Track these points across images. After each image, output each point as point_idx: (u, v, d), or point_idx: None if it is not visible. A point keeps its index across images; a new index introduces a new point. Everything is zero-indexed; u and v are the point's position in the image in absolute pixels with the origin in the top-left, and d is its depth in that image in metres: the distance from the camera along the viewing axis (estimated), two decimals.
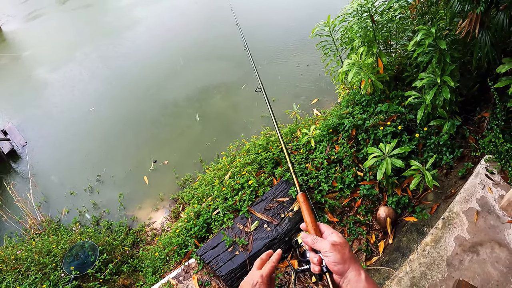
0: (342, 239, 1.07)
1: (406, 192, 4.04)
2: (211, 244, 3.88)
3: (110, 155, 6.90)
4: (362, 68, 4.23)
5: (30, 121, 8.16)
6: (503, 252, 3.35)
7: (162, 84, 8.31)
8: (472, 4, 3.42)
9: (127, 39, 10.39)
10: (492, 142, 3.87)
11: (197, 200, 4.80)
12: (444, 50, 3.68)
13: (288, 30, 9.35)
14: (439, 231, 3.52)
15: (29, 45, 10.95)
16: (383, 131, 4.14)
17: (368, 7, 4.25)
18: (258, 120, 6.79)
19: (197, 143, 6.67)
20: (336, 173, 4.18)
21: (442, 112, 3.99)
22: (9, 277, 4.67)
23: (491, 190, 3.70)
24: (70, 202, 6.23)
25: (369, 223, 3.98)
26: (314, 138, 4.44)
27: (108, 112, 7.93)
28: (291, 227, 3.80)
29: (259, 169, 4.59)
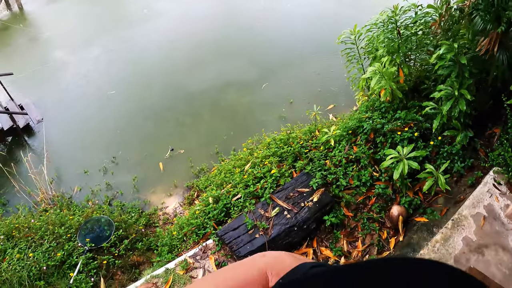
0: None
1: (418, 195, 4.30)
2: (232, 225, 4.09)
3: (127, 139, 7.07)
4: (384, 76, 4.52)
5: (48, 99, 8.29)
6: (506, 256, 3.61)
7: (183, 76, 8.53)
8: (494, 24, 3.73)
9: (150, 29, 10.56)
10: (501, 156, 4.16)
11: (216, 186, 5.01)
12: (463, 65, 3.98)
13: (307, 38, 9.66)
14: (449, 230, 3.78)
15: (50, 27, 11.05)
16: (400, 136, 4.42)
17: (395, 19, 4.55)
18: (275, 120, 7.05)
19: (214, 135, 6.89)
20: (353, 171, 4.44)
21: (456, 124, 4.27)
22: (22, 244, 4.76)
23: (498, 199, 3.98)
24: (83, 180, 6.38)
25: (381, 220, 4.23)
26: (334, 138, 4.70)
27: (127, 97, 8.12)
28: (310, 216, 4.04)
29: (280, 162, 4.83)
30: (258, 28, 10.17)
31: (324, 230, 4.21)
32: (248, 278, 0.76)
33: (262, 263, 0.79)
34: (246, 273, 0.78)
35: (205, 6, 11.57)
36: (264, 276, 0.76)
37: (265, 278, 0.75)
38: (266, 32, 9.97)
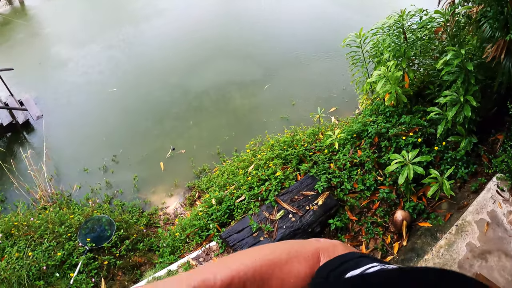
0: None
1: (422, 200, 4.32)
2: (236, 228, 4.08)
3: (128, 137, 7.03)
4: (389, 81, 4.53)
5: (48, 95, 8.24)
6: (509, 262, 3.63)
7: (185, 76, 8.50)
8: (503, 32, 3.75)
9: (152, 27, 10.53)
10: (504, 162, 4.19)
11: (218, 187, 4.99)
12: (470, 72, 4.00)
13: (308, 38, 9.66)
14: (453, 236, 3.80)
15: (51, 23, 10.99)
16: (405, 141, 4.43)
17: (402, 23, 4.56)
18: (277, 121, 7.04)
19: (216, 136, 6.87)
20: (357, 175, 4.44)
21: (460, 130, 4.29)
22: (21, 242, 4.71)
23: (501, 205, 4.00)
24: (82, 178, 6.33)
25: (385, 224, 4.23)
26: (338, 141, 4.70)
27: (129, 96, 8.08)
28: (315, 219, 4.03)
29: (284, 164, 4.82)
30: (258, 28, 10.17)
31: (328, 233, 4.21)
32: (298, 252, 0.77)
33: (317, 245, 0.81)
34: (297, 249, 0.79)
35: (206, 5, 11.54)
36: (317, 256, 0.77)
37: (317, 258, 0.77)
38: (266, 32, 9.97)
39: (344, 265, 0.70)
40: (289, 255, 0.75)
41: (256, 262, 0.72)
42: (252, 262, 0.72)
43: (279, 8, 11.39)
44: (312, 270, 0.74)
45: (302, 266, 0.74)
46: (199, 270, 0.72)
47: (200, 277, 0.67)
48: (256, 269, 0.71)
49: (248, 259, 0.73)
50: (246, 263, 0.72)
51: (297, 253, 0.76)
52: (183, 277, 0.68)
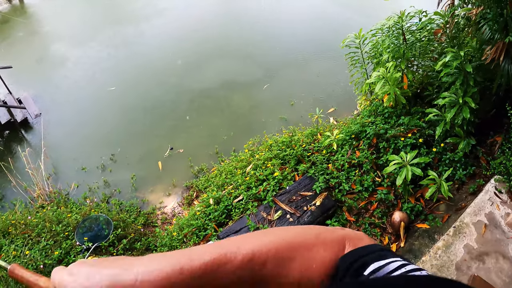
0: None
1: (420, 201, 4.32)
2: (233, 228, 4.07)
3: (126, 136, 7.01)
4: (388, 82, 4.53)
5: (46, 93, 8.20)
6: (506, 264, 3.64)
7: (184, 75, 8.48)
8: (502, 34, 3.75)
9: (151, 27, 10.50)
10: (502, 164, 4.19)
11: (216, 187, 4.99)
12: (469, 73, 4.00)
13: (307, 38, 9.66)
14: (450, 237, 3.80)
15: (50, 21, 10.96)
16: (404, 142, 4.43)
17: (402, 25, 4.56)
18: (276, 121, 7.03)
19: (214, 135, 6.85)
20: (356, 176, 4.44)
21: (459, 131, 4.29)
22: (19, 241, 4.71)
23: (499, 207, 4.01)
24: (80, 177, 6.32)
25: (383, 226, 4.23)
26: (336, 142, 4.70)
27: (127, 94, 8.06)
28: (313, 220, 4.03)
29: (282, 164, 4.82)
30: (258, 28, 10.17)
31: None
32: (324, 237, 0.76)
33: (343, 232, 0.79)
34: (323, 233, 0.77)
35: (206, 5, 11.54)
36: (342, 244, 0.75)
37: (343, 246, 0.75)
38: (266, 32, 9.97)
39: (367, 256, 0.70)
40: (316, 240, 0.74)
41: (281, 242, 0.72)
42: (276, 241, 0.71)
43: (279, 8, 11.38)
44: (337, 257, 0.73)
45: (327, 253, 0.73)
46: (225, 241, 0.71)
47: (223, 249, 0.67)
48: (279, 249, 0.70)
49: (273, 237, 0.73)
50: (271, 240, 0.71)
51: (324, 239, 0.75)
52: (208, 247, 0.69)
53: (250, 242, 0.70)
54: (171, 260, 0.65)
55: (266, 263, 0.68)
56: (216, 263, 0.66)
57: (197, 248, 0.69)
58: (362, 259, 0.69)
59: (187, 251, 0.68)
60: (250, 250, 0.68)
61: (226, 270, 0.66)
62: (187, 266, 0.64)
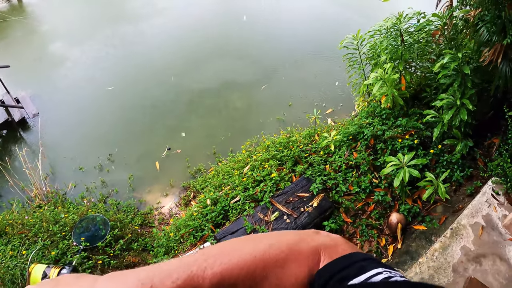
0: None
1: (417, 203, 4.32)
2: (230, 228, 4.07)
3: (124, 136, 7.01)
4: (386, 83, 4.53)
5: (44, 92, 8.18)
6: (503, 266, 3.64)
7: (183, 75, 8.47)
8: (500, 36, 3.75)
9: (150, 26, 10.49)
10: (500, 166, 4.19)
11: (213, 188, 4.98)
12: (466, 75, 4.00)
13: (307, 39, 9.66)
14: (447, 239, 3.80)
15: (49, 20, 10.95)
16: (401, 143, 4.43)
17: (400, 26, 4.56)
18: (273, 122, 7.03)
19: (211, 136, 6.85)
20: (353, 177, 4.44)
21: (456, 133, 4.29)
22: (15, 241, 4.69)
23: (496, 209, 4.01)
24: (77, 177, 6.31)
25: (380, 227, 4.23)
26: (334, 143, 4.69)
27: (125, 94, 8.05)
28: (310, 221, 4.02)
29: (280, 165, 4.82)
30: (258, 28, 10.17)
31: None
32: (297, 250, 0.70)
33: (317, 241, 0.73)
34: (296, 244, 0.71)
35: (206, 4, 11.54)
36: (317, 255, 0.70)
37: (317, 258, 0.70)
38: (266, 32, 9.97)
39: (346, 269, 0.65)
40: (288, 254, 0.68)
41: (252, 260, 0.66)
42: (247, 259, 0.66)
43: (278, 8, 11.41)
44: (311, 271, 0.68)
45: (300, 269, 0.67)
46: (192, 259, 0.65)
47: (188, 271, 0.62)
48: (251, 268, 0.65)
49: (243, 254, 0.67)
50: (241, 258, 0.66)
51: (296, 252, 0.69)
52: (172, 269, 0.63)
53: (219, 261, 0.65)
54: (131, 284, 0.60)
55: (236, 285, 0.64)
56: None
57: (157, 269, 0.63)
58: (340, 273, 0.64)
59: (146, 275, 0.62)
60: (218, 272, 0.63)
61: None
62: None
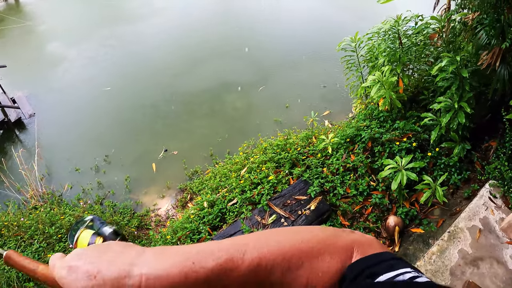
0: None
1: (414, 206, 4.31)
2: (228, 231, 4.05)
3: (121, 137, 6.99)
4: (384, 86, 4.52)
5: (40, 93, 8.18)
6: (500, 269, 3.63)
7: (180, 75, 8.47)
8: (499, 39, 3.75)
9: (148, 26, 10.50)
10: (497, 169, 4.19)
11: (211, 190, 4.96)
12: (464, 78, 3.99)
13: (305, 40, 9.66)
14: (445, 242, 3.79)
15: (46, 20, 10.93)
16: (399, 146, 4.42)
17: (398, 29, 4.56)
18: (270, 123, 7.02)
19: (208, 137, 6.83)
20: (350, 180, 4.42)
21: (454, 136, 4.29)
22: (11, 243, 4.67)
23: (493, 212, 4.00)
24: (74, 178, 6.28)
25: (377, 230, 4.22)
26: (331, 145, 4.68)
27: (122, 95, 8.04)
28: (307, 224, 4.01)
29: (277, 168, 4.80)
30: (257, 29, 10.16)
31: None
32: (332, 244, 0.72)
33: (352, 238, 0.75)
34: (332, 239, 0.74)
35: (205, 4, 11.53)
36: (350, 251, 0.72)
37: (350, 253, 0.72)
38: (265, 33, 9.97)
39: (376, 266, 0.67)
40: (323, 246, 0.71)
41: (289, 248, 0.69)
42: (284, 247, 0.69)
43: (279, 8, 11.42)
44: (344, 265, 0.70)
45: (333, 261, 0.70)
46: (231, 243, 0.68)
47: (229, 253, 0.65)
48: (287, 255, 0.68)
49: (281, 242, 0.70)
50: (279, 246, 0.69)
51: (331, 245, 0.72)
52: (214, 249, 0.66)
53: (259, 246, 0.68)
54: (176, 263, 0.63)
55: (273, 270, 0.66)
56: (222, 269, 0.63)
57: (202, 249, 0.66)
58: (370, 269, 0.67)
59: (192, 251, 0.65)
60: (256, 256, 0.66)
61: (232, 276, 0.64)
62: (192, 273, 0.62)
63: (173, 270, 0.61)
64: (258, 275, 0.65)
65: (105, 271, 0.62)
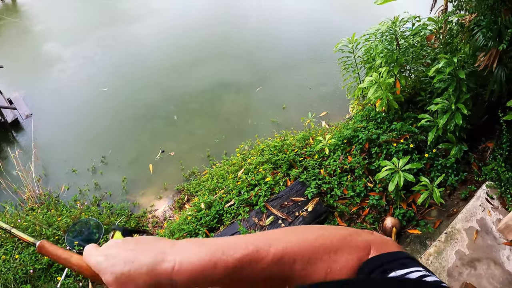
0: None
1: (411, 207, 4.32)
2: (225, 233, 4.05)
3: (118, 138, 6.97)
4: (381, 87, 4.53)
5: (37, 93, 8.14)
6: (497, 270, 3.64)
7: (177, 76, 8.46)
8: (496, 41, 3.75)
9: (145, 27, 10.47)
10: (494, 170, 4.20)
11: (208, 191, 4.96)
12: (461, 80, 4.00)
13: (303, 42, 9.67)
14: (442, 244, 3.80)
15: (42, 20, 10.89)
16: (396, 148, 4.43)
17: (395, 30, 4.56)
18: (267, 124, 7.02)
19: (205, 138, 6.82)
20: (347, 181, 4.43)
21: (451, 137, 4.30)
22: (8, 245, 4.66)
23: (490, 213, 4.01)
24: (71, 179, 6.26)
25: (375, 231, 4.22)
26: (329, 147, 4.68)
27: (120, 95, 8.01)
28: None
29: (274, 169, 4.80)
30: (257, 29, 10.17)
31: None
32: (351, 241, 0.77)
33: (370, 237, 0.80)
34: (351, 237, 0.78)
35: (205, 4, 11.52)
36: (368, 249, 0.76)
37: (368, 251, 0.76)
38: (265, 33, 9.97)
39: (390, 263, 0.71)
40: (342, 243, 0.76)
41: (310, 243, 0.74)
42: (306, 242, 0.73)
43: (278, 9, 11.42)
44: (360, 261, 0.74)
45: (351, 257, 0.74)
46: (259, 236, 0.74)
47: (256, 246, 0.70)
48: (308, 250, 0.72)
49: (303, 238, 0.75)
50: (301, 241, 0.73)
51: (350, 242, 0.76)
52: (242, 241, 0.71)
53: (282, 240, 0.72)
54: (206, 252, 0.68)
55: (295, 262, 0.71)
56: (248, 259, 0.68)
57: (230, 240, 0.71)
58: (384, 266, 0.70)
59: (220, 242, 0.71)
60: (281, 249, 0.70)
61: (257, 267, 0.69)
62: (221, 261, 0.67)
63: (204, 258, 0.67)
64: (281, 267, 0.70)
65: (142, 257, 0.68)
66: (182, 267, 0.66)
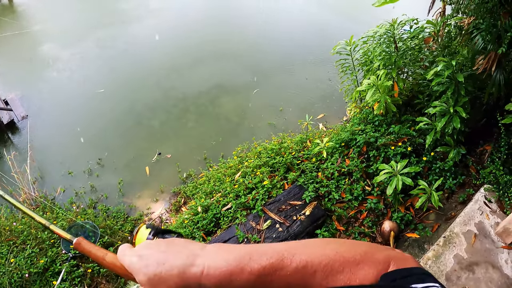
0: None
1: (409, 210, 4.30)
2: (222, 237, 4.01)
3: (114, 140, 6.92)
4: (379, 90, 4.51)
5: (33, 95, 8.07)
6: (496, 274, 3.63)
7: (175, 78, 8.41)
8: (495, 44, 3.74)
9: (143, 28, 10.43)
10: (492, 173, 4.19)
11: (205, 195, 4.93)
12: (460, 83, 3.98)
13: (301, 44, 9.66)
14: (440, 248, 3.78)
15: (39, 20, 10.82)
16: (394, 151, 4.41)
17: (393, 33, 4.54)
18: (265, 126, 6.98)
19: (202, 141, 6.78)
20: (345, 185, 4.41)
21: (449, 140, 4.28)
22: (3, 248, 4.60)
23: (488, 217, 4.00)
24: (67, 181, 6.21)
25: (373, 235, 4.20)
26: (326, 150, 4.66)
27: (116, 97, 7.95)
28: (302, 229, 3.98)
29: (272, 172, 4.77)
30: (255, 31, 10.15)
31: None
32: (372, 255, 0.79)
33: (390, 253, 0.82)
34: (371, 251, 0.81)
35: (202, 5, 11.49)
36: (387, 263, 0.79)
37: (387, 265, 0.78)
38: (263, 35, 9.95)
39: (407, 278, 0.73)
40: (364, 257, 0.78)
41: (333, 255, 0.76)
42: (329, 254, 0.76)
43: (277, 11, 11.41)
44: (379, 275, 0.76)
45: (371, 270, 0.76)
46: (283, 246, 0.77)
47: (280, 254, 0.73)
48: (330, 262, 0.74)
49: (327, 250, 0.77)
50: (324, 252, 0.76)
51: (371, 257, 0.78)
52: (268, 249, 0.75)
53: (305, 251, 0.75)
54: (234, 257, 0.72)
55: (316, 273, 0.73)
56: (273, 267, 0.72)
57: (259, 249, 0.75)
58: (402, 280, 0.73)
59: (247, 249, 0.74)
60: (304, 259, 0.73)
61: (281, 274, 0.72)
62: (248, 267, 0.71)
63: (232, 263, 0.71)
64: (303, 276, 0.73)
65: (173, 259, 0.72)
66: (210, 272, 0.70)
